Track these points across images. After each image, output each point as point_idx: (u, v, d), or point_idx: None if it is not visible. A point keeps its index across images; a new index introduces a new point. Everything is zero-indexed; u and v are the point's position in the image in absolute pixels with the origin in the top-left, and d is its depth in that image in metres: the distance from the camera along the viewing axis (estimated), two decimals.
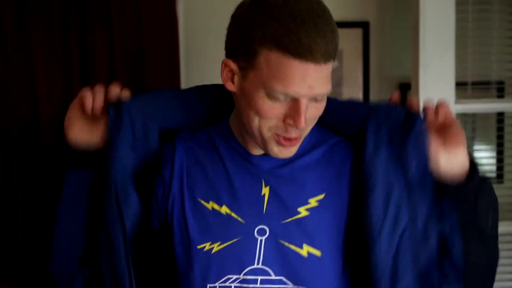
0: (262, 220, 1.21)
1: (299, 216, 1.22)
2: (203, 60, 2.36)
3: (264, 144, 1.18)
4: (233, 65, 1.16)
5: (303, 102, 1.11)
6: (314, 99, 1.13)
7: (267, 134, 1.16)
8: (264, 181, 1.22)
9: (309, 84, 1.10)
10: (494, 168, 2.56)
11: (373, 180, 1.18)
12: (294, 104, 1.12)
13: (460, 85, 2.26)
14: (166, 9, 2.26)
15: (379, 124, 1.21)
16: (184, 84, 2.33)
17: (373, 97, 2.52)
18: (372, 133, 1.21)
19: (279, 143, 1.17)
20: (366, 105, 1.38)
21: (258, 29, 1.10)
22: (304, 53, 1.07)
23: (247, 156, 1.24)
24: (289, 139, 1.16)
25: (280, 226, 1.21)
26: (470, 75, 2.34)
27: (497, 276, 2.37)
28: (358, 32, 2.48)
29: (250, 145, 1.24)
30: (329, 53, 1.09)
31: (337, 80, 2.41)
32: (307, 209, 1.22)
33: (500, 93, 2.45)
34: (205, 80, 1.19)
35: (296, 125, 1.12)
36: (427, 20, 2.10)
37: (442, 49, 2.11)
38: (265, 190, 1.22)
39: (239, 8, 1.17)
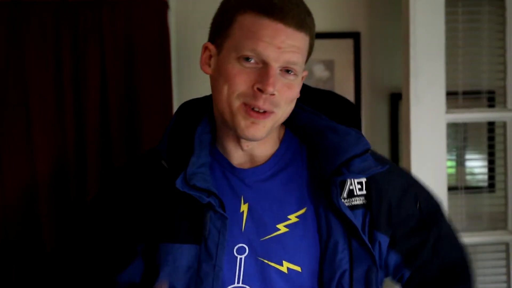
0: (241, 239, 1.20)
1: (278, 232, 1.21)
2: (194, 67, 2.36)
3: (232, 120, 1.17)
4: (211, 46, 1.20)
5: (273, 66, 1.12)
6: (286, 70, 1.14)
7: (235, 104, 1.15)
8: (243, 198, 1.22)
9: (278, 45, 1.12)
10: (485, 177, 2.56)
11: None
12: (264, 69, 1.13)
13: (451, 94, 2.27)
14: (157, 17, 2.25)
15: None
16: (175, 89, 2.32)
17: (365, 107, 2.52)
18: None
19: (247, 115, 1.15)
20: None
21: (234, 2, 1.16)
22: (275, 11, 1.11)
23: (229, 168, 1.24)
24: (257, 112, 1.15)
25: (259, 244, 1.20)
26: (460, 84, 2.34)
27: (490, 286, 2.37)
28: (349, 43, 2.49)
29: (229, 148, 1.24)
30: (301, 21, 1.13)
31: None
32: (286, 226, 1.22)
33: (491, 103, 2.46)
34: (196, 85, 1.20)
35: (264, 88, 1.12)
36: (417, 30, 2.11)
37: (432, 59, 2.12)
38: (244, 207, 1.22)
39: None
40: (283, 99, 1.16)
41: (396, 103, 2.51)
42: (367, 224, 1.24)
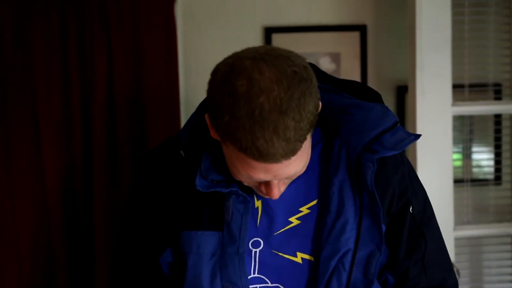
0: (256, 233, 1.23)
1: (291, 226, 1.23)
2: (201, 68, 2.37)
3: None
4: (212, 130, 1.13)
5: (274, 182, 1.13)
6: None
7: (248, 185, 1.17)
8: (256, 196, 1.23)
9: (274, 174, 1.09)
10: (492, 170, 2.57)
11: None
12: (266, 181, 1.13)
13: (457, 87, 2.27)
14: (164, 11, 2.26)
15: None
16: (182, 84, 2.33)
17: None
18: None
19: (261, 195, 1.19)
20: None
21: (220, 121, 1.05)
22: (261, 157, 1.04)
23: None
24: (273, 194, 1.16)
25: (273, 238, 1.23)
26: (467, 77, 2.34)
27: (496, 278, 2.38)
28: (355, 35, 2.49)
29: None
30: (291, 151, 1.05)
31: None
32: (298, 218, 1.23)
33: (497, 95, 2.45)
34: (203, 79, 1.17)
35: (270, 197, 1.14)
36: (424, 22, 2.10)
37: (438, 52, 2.11)
38: (258, 203, 1.24)
39: (218, 72, 1.09)
40: (293, 176, 1.15)
41: (403, 96, 2.50)
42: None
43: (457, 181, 2.34)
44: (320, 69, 1.29)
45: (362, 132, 1.19)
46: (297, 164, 1.09)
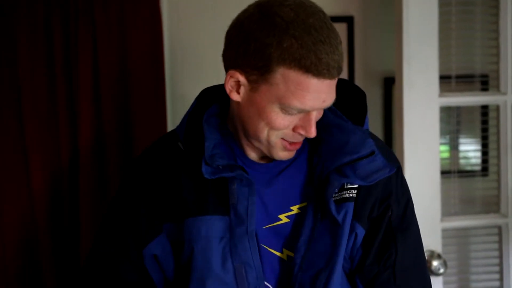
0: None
1: (280, 222, 1.25)
2: (187, 62, 2.35)
3: (269, 150, 1.22)
4: (241, 78, 1.16)
5: (314, 113, 1.16)
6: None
7: (274, 140, 1.19)
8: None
9: (323, 98, 1.13)
10: (479, 161, 2.57)
11: None
12: (305, 116, 1.16)
13: (444, 78, 2.27)
14: (149, 5, 2.23)
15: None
16: (168, 88, 2.31)
17: None
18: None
19: (285, 148, 1.21)
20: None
21: (276, 47, 1.09)
22: (323, 72, 1.09)
23: (243, 158, 1.28)
24: (295, 143, 1.21)
25: (261, 231, 1.24)
26: (454, 68, 2.34)
27: (483, 269, 2.40)
28: (342, 27, 2.48)
29: (247, 149, 1.27)
30: (341, 67, 1.12)
31: None
32: (287, 216, 1.25)
33: (484, 86, 2.46)
34: (189, 83, 1.19)
35: (308, 135, 1.17)
36: (410, 14, 2.10)
37: (425, 43, 2.11)
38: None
39: (246, 19, 1.14)
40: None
41: (390, 87, 2.50)
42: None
43: (444, 173, 2.34)
44: None
45: (339, 156, 1.22)
46: (334, 92, 1.16)
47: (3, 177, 2.19)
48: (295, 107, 1.12)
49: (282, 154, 1.21)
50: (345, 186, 1.24)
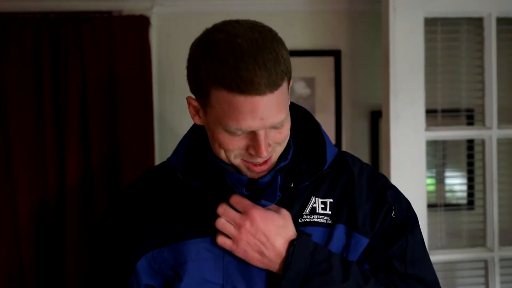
0: None
1: None
2: (175, 90, 2.36)
3: (237, 169, 1.22)
4: (195, 103, 1.19)
5: (261, 133, 1.14)
6: (273, 127, 1.15)
7: (236, 161, 1.20)
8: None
9: (260, 116, 1.11)
10: (465, 194, 2.58)
11: None
12: (253, 136, 1.15)
13: (430, 112, 2.29)
14: (139, 36, 2.25)
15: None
16: (156, 115, 2.31)
17: (345, 124, 2.53)
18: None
19: (249, 169, 1.21)
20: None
21: (203, 70, 1.11)
22: (246, 87, 1.07)
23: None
24: (260, 165, 1.20)
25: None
26: (440, 102, 2.37)
27: None
28: (330, 60, 2.50)
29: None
30: (273, 82, 1.09)
31: (309, 107, 2.42)
32: None
33: (470, 121, 2.48)
34: (177, 107, 1.19)
35: (257, 155, 1.16)
36: (397, 48, 2.13)
37: (412, 77, 2.14)
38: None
39: (190, 48, 1.18)
40: (277, 143, 1.19)
41: (377, 121, 2.52)
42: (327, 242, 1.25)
43: (430, 206, 2.35)
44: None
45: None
46: (279, 109, 1.13)
47: None
48: (232, 127, 1.13)
49: (250, 173, 1.22)
50: (317, 211, 1.25)
